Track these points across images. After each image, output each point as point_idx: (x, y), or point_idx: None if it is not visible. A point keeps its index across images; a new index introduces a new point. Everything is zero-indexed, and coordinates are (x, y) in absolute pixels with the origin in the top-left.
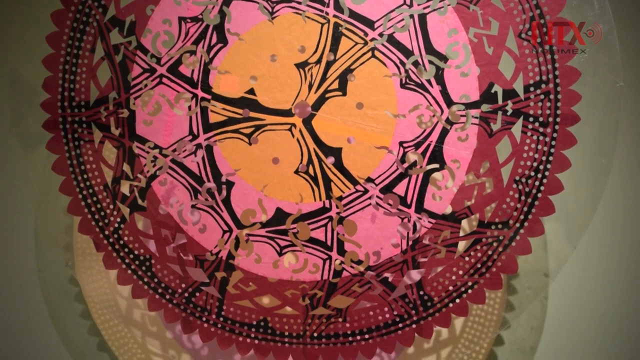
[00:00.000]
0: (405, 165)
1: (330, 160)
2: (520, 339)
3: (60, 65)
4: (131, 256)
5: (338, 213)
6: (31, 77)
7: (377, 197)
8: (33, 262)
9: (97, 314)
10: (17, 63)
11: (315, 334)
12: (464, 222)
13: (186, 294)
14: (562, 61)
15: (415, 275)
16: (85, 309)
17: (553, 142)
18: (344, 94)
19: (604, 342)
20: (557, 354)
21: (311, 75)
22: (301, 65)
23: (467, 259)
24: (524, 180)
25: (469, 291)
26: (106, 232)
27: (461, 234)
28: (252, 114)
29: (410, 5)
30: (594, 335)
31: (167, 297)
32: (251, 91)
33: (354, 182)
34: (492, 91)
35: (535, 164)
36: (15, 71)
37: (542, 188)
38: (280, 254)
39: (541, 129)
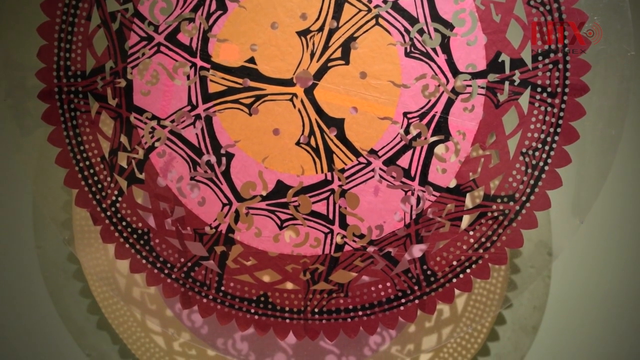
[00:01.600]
0: (409, 136)
1: (332, 132)
2: (522, 318)
3: (55, 34)
4: (129, 230)
5: (340, 186)
6: (26, 45)
7: (380, 169)
8: (31, 238)
9: (97, 292)
10: (10, 31)
11: (317, 310)
12: (468, 196)
13: (185, 269)
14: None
15: (419, 249)
16: (84, 287)
17: (561, 113)
18: (347, 63)
19: (606, 322)
20: (559, 333)
21: (313, 44)
22: (303, 33)
23: (471, 233)
24: (530, 152)
25: (473, 266)
26: (103, 205)
27: (466, 207)
28: (253, 84)
29: None
30: (597, 315)
31: (166, 271)
32: (251, 60)
33: (357, 154)
34: (499, 60)
35: (542, 136)
36: (9, 40)
37: (549, 160)
38: (280, 228)
39: (549, 100)
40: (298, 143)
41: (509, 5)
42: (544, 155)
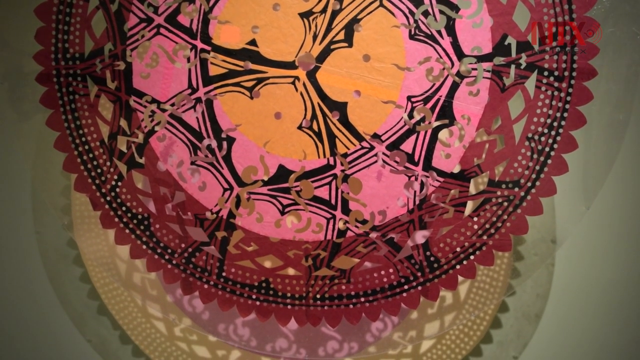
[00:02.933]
0: (413, 120)
1: (335, 116)
2: (525, 305)
3: (53, 15)
4: (129, 215)
5: (343, 170)
6: (23, 27)
7: (384, 154)
8: (30, 223)
9: (97, 277)
10: (8, 13)
11: (318, 296)
12: (472, 182)
13: (186, 254)
14: (580, 12)
15: (422, 235)
16: (84, 272)
17: (568, 98)
18: (350, 45)
19: (609, 311)
20: (562, 321)
21: (316, 26)
22: (305, 15)
23: (475, 219)
24: (536, 137)
25: (477, 252)
26: (103, 190)
27: (470, 193)
28: (254, 67)
29: None
30: (600, 303)
31: (167, 257)
32: (253, 42)
33: (360, 138)
34: (506, 43)
35: (549, 121)
36: (6, 22)
37: (555, 146)
38: (282, 213)
39: (556, 84)
40: (300, 127)
41: None
42: (550, 141)
